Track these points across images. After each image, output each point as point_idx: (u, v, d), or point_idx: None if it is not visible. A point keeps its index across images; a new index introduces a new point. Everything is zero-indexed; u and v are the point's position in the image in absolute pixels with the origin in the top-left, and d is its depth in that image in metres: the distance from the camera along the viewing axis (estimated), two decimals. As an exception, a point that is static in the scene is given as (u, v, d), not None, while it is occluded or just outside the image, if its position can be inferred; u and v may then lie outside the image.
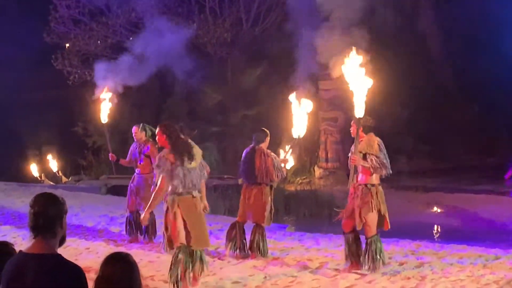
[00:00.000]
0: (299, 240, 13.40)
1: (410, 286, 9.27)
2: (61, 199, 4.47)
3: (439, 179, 24.64)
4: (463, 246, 12.50)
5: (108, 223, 15.16)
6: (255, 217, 11.43)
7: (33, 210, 4.38)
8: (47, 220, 4.34)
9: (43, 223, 4.34)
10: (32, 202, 4.42)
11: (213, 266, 10.39)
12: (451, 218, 19.05)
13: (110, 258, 4.25)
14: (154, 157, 11.98)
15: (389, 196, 22.46)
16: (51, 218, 4.35)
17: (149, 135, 12.65)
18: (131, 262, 4.24)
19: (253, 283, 9.54)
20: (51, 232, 4.34)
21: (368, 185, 9.88)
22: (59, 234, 4.39)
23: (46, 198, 4.45)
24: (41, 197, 4.45)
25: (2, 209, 17.10)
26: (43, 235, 4.34)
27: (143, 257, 11.26)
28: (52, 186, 23.56)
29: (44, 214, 4.34)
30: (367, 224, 9.88)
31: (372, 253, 9.85)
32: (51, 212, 4.36)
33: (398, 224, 18.22)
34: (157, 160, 9.04)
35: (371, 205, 9.79)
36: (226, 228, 14.04)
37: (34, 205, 4.40)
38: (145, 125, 12.95)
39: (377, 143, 9.98)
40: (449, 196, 21.40)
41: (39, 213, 4.35)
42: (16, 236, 13.25)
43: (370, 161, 9.75)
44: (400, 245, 12.64)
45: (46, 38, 27.91)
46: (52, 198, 4.46)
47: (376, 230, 9.96)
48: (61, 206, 4.45)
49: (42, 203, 4.39)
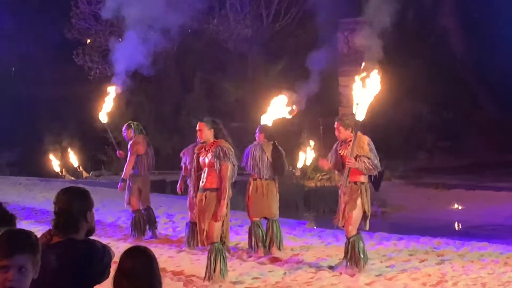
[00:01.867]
0: (319, 237, 13.38)
1: (431, 283, 9.22)
2: (85, 193, 4.45)
3: (460, 176, 24.48)
4: (484, 243, 12.41)
5: (128, 218, 15.17)
6: (270, 212, 11.42)
7: (56, 209, 4.39)
8: (70, 219, 4.33)
9: (65, 222, 4.34)
10: (55, 199, 4.42)
11: (233, 262, 10.38)
12: (472, 215, 18.93)
13: (129, 252, 4.23)
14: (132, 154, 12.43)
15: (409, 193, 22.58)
16: (74, 215, 4.33)
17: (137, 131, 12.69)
18: (150, 255, 4.22)
19: (272, 279, 9.52)
20: (74, 229, 4.35)
21: (358, 182, 9.76)
22: (83, 229, 4.39)
23: (69, 194, 4.45)
24: (63, 194, 4.44)
25: (24, 204, 17.22)
26: (65, 232, 4.35)
27: (163, 253, 11.29)
28: (73, 181, 23.70)
29: (66, 213, 4.33)
30: (349, 222, 9.67)
31: (356, 254, 9.70)
32: (74, 209, 4.35)
33: (418, 221, 18.27)
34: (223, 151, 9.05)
35: (357, 202, 9.68)
36: (245, 224, 14.06)
37: (57, 203, 4.40)
38: (131, 122, 12.99)
39: (366, 144, 9.83)
40: (469, 193, 21.26)
41: (61, 212, 4.35)
42: (36, 230, 13.20)
43: (363, 163, 9.63)
44: (420, 242, 12.57)
45: (67, 34, 28.08)
46: (75, 193, 4.46)
47: (357, 230, 9.82)
48: (85, 201, 4.44)
49: (65, 201, 4.38)
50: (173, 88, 30.62)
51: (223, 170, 8.97)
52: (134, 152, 12.44)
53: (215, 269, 9.07)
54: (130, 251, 4.24)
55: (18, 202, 17.50)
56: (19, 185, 21.38)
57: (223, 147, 9.06)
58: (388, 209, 20.33)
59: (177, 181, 12.38)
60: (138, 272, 4.10)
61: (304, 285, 9.17)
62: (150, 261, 4.19)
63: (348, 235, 9.71)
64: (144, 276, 4.11)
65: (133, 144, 12.51)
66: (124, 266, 4.13)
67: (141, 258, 4.19)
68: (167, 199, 18.29)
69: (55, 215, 4.37)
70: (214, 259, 9.07)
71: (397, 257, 11.09)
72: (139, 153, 12.50)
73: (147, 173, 12.86)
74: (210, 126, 9.23)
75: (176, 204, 16.88)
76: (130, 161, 12.44)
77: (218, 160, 9.00)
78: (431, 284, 9.21)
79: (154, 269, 4.18)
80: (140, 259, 4.18)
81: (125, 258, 4.18)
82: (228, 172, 8.98)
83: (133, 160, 12.43)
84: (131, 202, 12.66)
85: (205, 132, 9.22)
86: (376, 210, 19.97)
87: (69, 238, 4.32)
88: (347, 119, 9.78)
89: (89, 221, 4.42)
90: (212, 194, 9.10)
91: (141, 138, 12.65)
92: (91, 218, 4.44)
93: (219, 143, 9.12)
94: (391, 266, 10.32)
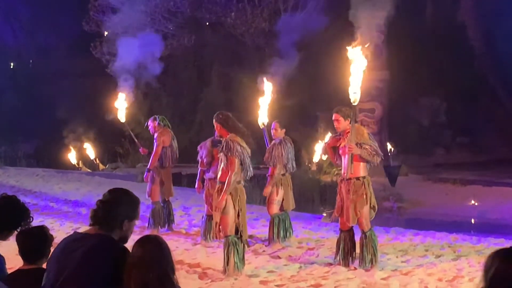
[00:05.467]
0: (335, 231, 13.32)
1: (447, 279, 9.17)
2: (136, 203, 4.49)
3: (478, 172, 24.38)
4: (500, 239, 12.36)
5: (145, 210, 15.17)
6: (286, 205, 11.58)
7: (99, 201, 4.42)
8: (108, 215, 4.35)
9: (102, 216, 4.36)
10: (105, 193, 4.46)
11: (249, 255, 10.38)
12: (489, 211, 18.84)
13: (140, 241, 4.23)
14: (158, 145, 12.53)
15: (426, 188, 22.49)
16: (112, 214, 4.36)
17: (162, 124, 12.77)
18: (161, 244, 4.21)
19: (288, 272, 9.52)
20: (108, 226, 4.36)
21: (360, 177, 9.69)
22: (116, 233, 4.39)
23: (117, 194, 4.47)
24: (114, 192, 4.49)
25: (40, 195, 17.30)
26: (99, 225, 4.36)
27: (179, 245, 11.32)
28: (89, 173, 23.79)
29: (110, 208, 4.36)
30: (362, 218, 9.63)
31: (372, 248, 9.67)
32: (119, 209, 4.38)
33: (434, 216, 18.22)
34: (228, 144, 9.07)
35: (365, 198, 9.62)
36: (261, 218, 14.09)
37: (104, 196, 4.44)
38: (156, 116, 13.06)
39: (366, 132, 9.82)
40: (487, 189, 21.19)
41: (103, 205, 4.38)
42: (53, 222, 13.39)
43: (365, 149, 9.57)
44: (437, 238, 12.53)
45: (85, 27, 28.14)
46: (128, 198, 4.48)
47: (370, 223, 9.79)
48: (131, 208, 4.46)
49: (116, 197, 4.42)
50: (190, 81, 30.65)
51: (229, 164, 8.99)
52: (160, 143, 12.55)
53: (229, 262, 9.09)
54: (141, 240, 4.25)
55: (35, 194, 17.59)
56: (36, 176, 21.49)
57: (229, 141, 9.07)
58: (405, 204, 20.29)
59: (193, 174, 12.44)
60: (148, 261, 4.09)
61: (319, 279, 9.14)
62: (160, 249, 4.18)
63: (364, 230, 9.68)
64: (154, 265, 4.09)
65: (159, 136, 12.61)
66: (135, 255, 4.13)
67: (150, 246, 4.17)
68: (183, 192, 18.32)
69: (96, 206, 4.41)
70: (228, 253, 9.09)
71: (413, 252, 11.05)
72: (164, 145, 12.59)
73: (171, 165, 12.92)
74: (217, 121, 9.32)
75: (192, 197, 16.92)
76: (157, 152, 12.55)
77: (224, 154, 9.03)
78: (447, 279, 9.16)
79: (165, 257, 4.16)
80: (150, 247, 4.16)
81: (136, 247, 4.18)
82: (234, 166, 8.99)
83: (159, 151, 12.55)
84: (152, 193, 12.70)
85: (219, 129, 9.34)
86: (392, 205, 19.96)
87: (106, 234, 4.33)
88: (346, 110, 9.71)
89: (124, 229, 4.43)
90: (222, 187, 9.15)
91: (167, 131, 12.74)
92: (127, 227, 4.45)
93: (229, 137, 9.13)
94: (407, 261, 10.30)
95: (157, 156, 12.55)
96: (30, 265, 4.86)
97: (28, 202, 15.91)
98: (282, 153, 11.39)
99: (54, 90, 30.52)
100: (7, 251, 5.44)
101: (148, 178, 12.69)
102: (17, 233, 5.02)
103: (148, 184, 12.77)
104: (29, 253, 4.90)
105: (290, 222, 11.65)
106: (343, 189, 9.75)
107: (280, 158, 11.38)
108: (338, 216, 9.93)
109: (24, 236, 4.96)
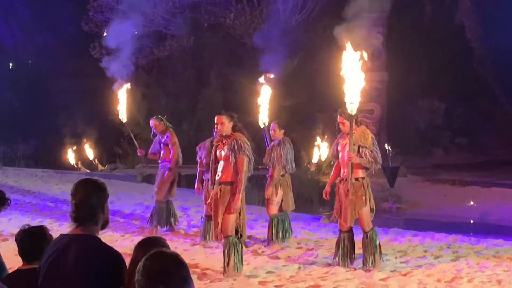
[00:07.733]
0: (334, 232, 13.34)
1: (446, 280, 9.18)
2: (102, 185, 4.45)
3: (476, 173, 24.41)
4: (499, 240, 12.38)
5: (143, 211, 15.24)
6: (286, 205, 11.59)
7: (75, 201, 4.35)
8: (89, 211, 4.32)
9: (85, 214, 4.34)
10: (73, 191, 4.38)
11: (248, 256, 10.38)
12: (487, 212, 18.86)
13: (142, 243, 4.22)
14: (173, 145, 12.57)
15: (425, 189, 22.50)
16: (93, 207, 4.32)
17: (167, 125, 12.84)
18: (164, 247, 4.21)
19: (287, 273, 9.51)
20: (93, 221, 4.35)
21: (359, 178, 9.69)
22: (100, 221, 4.40)
23: (87, 187, 4.42)
24: (81, 186, 4.41)
25: (39, 196, 17.29)
26: (85, 224, 4.35)
27: (177, 246, 11.31)
28: (88, 174, 23.78)
29: (85, 205, 4.31)
30: (362, 219, 9.64)
31: (373, 248, 9.68)
32: (93, 201, 4.33)
33: (433, 217, 18.22)
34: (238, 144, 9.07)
35: (364, 199, 9.62)
36: (260, 218, 14.10)
37: (75, 195, 4.36)
38: (160, 116, 13.10)
39: (371, 137, 9.79)
40: (485, 190, 21.21)
41: (81, 204, 4.33)
42: (52, 222, 13.38)
43: (365, 155, 9.55)
44: (436, 239, 12.55)
45: (84, 27, 28.15)
46: (93, 186, 4.43)
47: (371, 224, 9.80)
48: (102, 193, 4.42)
49: (84, 193, 4.37)
50: (189, 82, 30.65)
51: (239, 163, 8.98)
52: (174, 143, 12.69)
53: (229, 263, 9.09)
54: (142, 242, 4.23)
55: (34, 194, 17.59)
56: (35, 177, 21.48)
57: (239, 140, 9.05)
58: (404, 205, 20.31)
59: (192, 175, 12.45)
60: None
61: (318, 279, 9.14)
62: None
63: (365, 230, 9.69)
64: None
65: (171, 136, 12.74)
66: (137, 257, 4.08)
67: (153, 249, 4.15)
68: (182, 193, 18.29)
69: (75, 207, 4.36)
70: (228, 253, 9.09)
71: (412, 253, 11.07)
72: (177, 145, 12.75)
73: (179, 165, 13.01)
74: (230, 119, 9.24)
75: (191, 198, 16.92)
76: (175, 151, 12.66)
77: (233, 153, 9.00)
78: (446, 280, 9.17)
79: None
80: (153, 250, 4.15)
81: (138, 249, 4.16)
82: (244, 165, 8.98)
83: (177, 150, 12.71)
84: (159, 192, 12.71)
85: (226, 125, 9.22)
86: (391, 206, 19.97)
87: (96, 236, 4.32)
88: None
89: (105, 212, 4.42)
90: (227, 187, 9.11)
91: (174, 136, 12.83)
92: (106, 210, 4.44)
93: (236, 136, 9.11)
94: (406, 262, 10.31)
95: (176, 155, 12.67)
96: (30, 265, 4.86)
97: (27, 203, 15.99)
98: (281, 154, 11.40)
99: (53, 90, 30.50)
100: (7, 251, 5.44)
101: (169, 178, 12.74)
102: (17, 233, 5.03)
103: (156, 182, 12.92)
104: (29, 253, 4.90)
105: (289, 222, 11.65)
106: (341, 190, 9.76)
107: (279, 159, 11.39)
108: (338, 217, 9.93)
109: (23, 236, 4.95)
